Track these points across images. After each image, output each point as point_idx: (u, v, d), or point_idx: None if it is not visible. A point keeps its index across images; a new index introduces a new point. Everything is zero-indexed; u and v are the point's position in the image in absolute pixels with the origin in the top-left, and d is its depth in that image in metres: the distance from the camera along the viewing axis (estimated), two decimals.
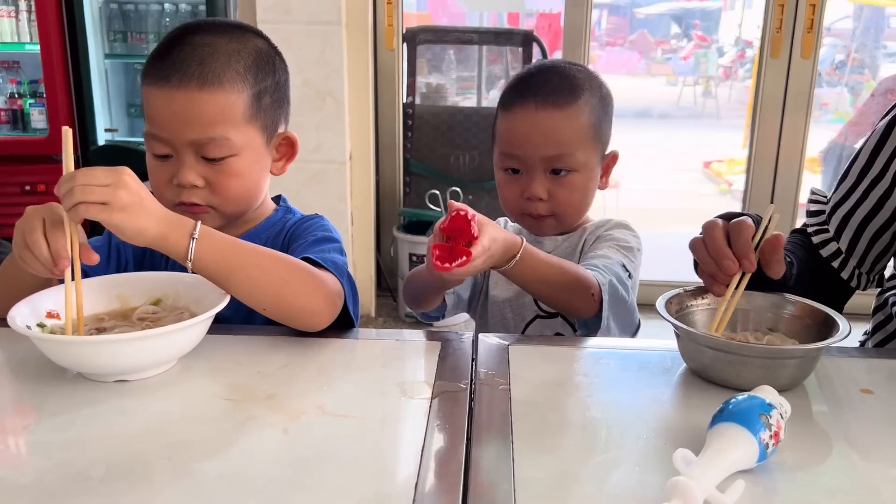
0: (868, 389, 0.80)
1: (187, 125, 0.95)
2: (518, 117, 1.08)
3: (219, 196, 0.98)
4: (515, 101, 1.09)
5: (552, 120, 1.07)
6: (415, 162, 2.99)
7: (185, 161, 0.96)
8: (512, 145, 1.09)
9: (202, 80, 0.94)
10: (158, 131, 0.96)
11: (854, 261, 1.07)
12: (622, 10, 10.27)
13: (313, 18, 2.52)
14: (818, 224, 1.10)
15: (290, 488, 0.61)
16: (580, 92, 1.09)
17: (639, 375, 0.84)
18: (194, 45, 0.96)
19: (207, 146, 0.96)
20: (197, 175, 0.97)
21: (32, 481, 0.61)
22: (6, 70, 3.50)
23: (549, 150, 1.07)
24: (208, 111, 0.95)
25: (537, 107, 1.07)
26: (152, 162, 0.99)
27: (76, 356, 0.76)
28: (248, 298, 0.86)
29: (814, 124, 2.85)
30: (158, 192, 0.99)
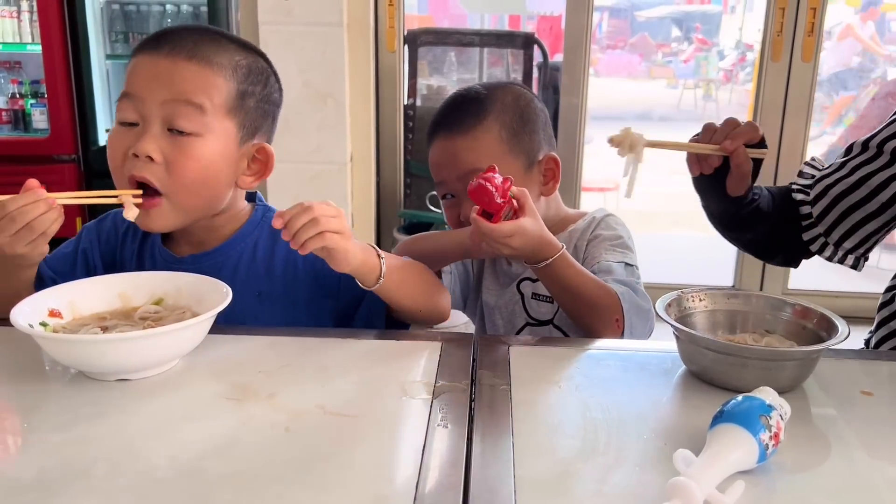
0: (868, 391, 0.80)
1: (164, 86, 0.92)
2: (434, 148, 1.16)
3: (173, 177, 0.93)
4: (431, 136, 1.17)
5: (457, 144, 1.12)
6: (415, 163, 2.99)
7: (148, 130, 0.92)
8: (435, 174, 1.16)
9: (191, 54, 0.94)
10: (133, 91, 0.93)
11: (821, 228, 1.12)
12: (623, 13, 10.27)
13: (315, 20, 2.52)
14: (803, 186, 1.15)
15: (291, 488, 0.61)
16: (485, 114, 1.12)
17: (639, 376, 0.84)
18: (198, 32, 0.97)
19: (178, 111, 0.92)
20: (157, 148, 0.92)
21: (34, 479, 0.62)
22: (8, 70, 3.51)
23: (462, 169, 1.11)
24: (189, 79, 0.93)
25: (444, 136, 1.14)
26: (115, 131, 0.95)
27: (78, 355, 0.77)
28: (411, 305, 0.97)
29: (814, 127, 2.85)
30: (112, 164, 0.96)
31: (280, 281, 1.01)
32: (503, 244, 0.92)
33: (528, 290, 1.15)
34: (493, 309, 1.18)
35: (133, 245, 1.05)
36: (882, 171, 1.06)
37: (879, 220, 1.08)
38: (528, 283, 1.15)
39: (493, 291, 1.19)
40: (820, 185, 1.12)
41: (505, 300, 1.17)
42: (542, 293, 1.13)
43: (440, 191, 1.17)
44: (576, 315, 1.01)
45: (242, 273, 1.01)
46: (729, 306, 0.90)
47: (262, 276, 1.01)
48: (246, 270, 1.01)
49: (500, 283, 1.19)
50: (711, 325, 0.89)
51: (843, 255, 1.12)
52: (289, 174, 1.06)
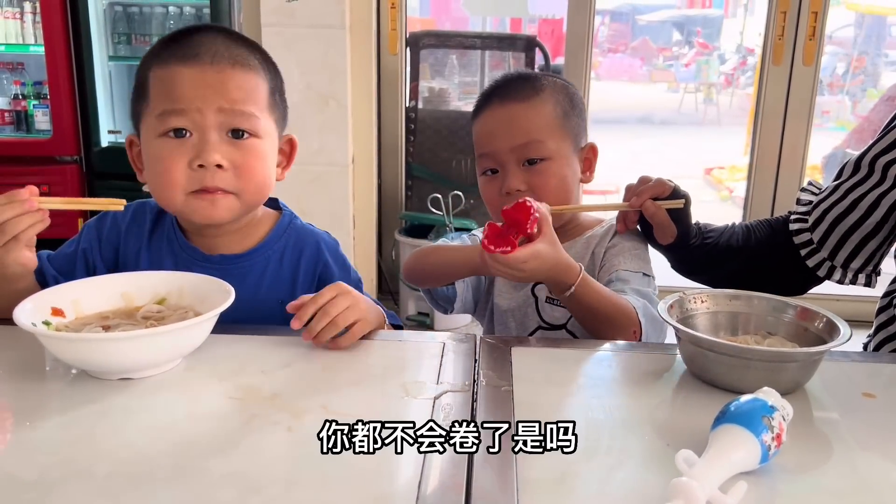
0: (870, 393, 0.80)
1: (219, 95, 0.93)
2: (485, 117, 1.14)
3: (243, 180, 0.95)
4: (482, 105, 1.15)
5: (515, 111, 1.11)
6: (417, 166, 3.00)
7: (209, 139, 0.93)
8: (483, 145, 1.13)
9: (233, 60, 0.95)
10: (184, 104, 0.92)
11: (825, 252, 1.12)
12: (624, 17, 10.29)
13: (317, 22, 2.52)
14: (800, 214, 1.16)
15: (293, 487, 0.61)
16: (541, 87, 1.13)
17: (641, 377, 0.84)
18: (213, 35, 0.97)
19: (237, 118, 0.94)
20: (222, 155, 0.93)
21: (37, 477, 0.62)
22: (10, 71, 3.52)
23: (518, 139, 1.09)
24: (241, 85, 0.95)
25: (501, 102, 1.12)
26: (164, 146, 0.94)
27: (81, 354, 0.77)
28: None
29: (815, 132, 2.85)
30: (169, 181, 0.94)
31: (302, 290, 1.00)
32: (517, 269, 0.91)
33: (542, 294, 1.14)
34: (506, 312, 1.17)
35: (140, 241, 1.04)
36: (873, 190, 1.08)
37: (878, 237, 1.09)
38: (543, 286, 1.14)
39: (506, 295, 1.18)
40: (817, 210, 1.13)
41: (518, 303, 1.16)
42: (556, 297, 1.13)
43: (483, 164, 1.14)
44: (594, 331, 1.01)
45: (269, 279, 1.03)
46: (731, 308, 0.90)
47: (286, 284, 1.03)
48: (272, 277, 1.03)
49: (514, 286, 1.18)
50: (713, 327, 0.89)
51: (853, 275, 1.13)
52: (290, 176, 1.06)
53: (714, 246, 1.15)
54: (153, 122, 0.95)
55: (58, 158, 3.28)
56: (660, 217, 1.08)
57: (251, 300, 0.98)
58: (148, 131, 0.96)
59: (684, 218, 1.10)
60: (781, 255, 1.16)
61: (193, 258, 1.02)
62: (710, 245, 1.15)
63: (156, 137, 0.94)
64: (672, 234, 1.10)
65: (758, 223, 1.21)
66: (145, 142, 0.97)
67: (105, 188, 3.30)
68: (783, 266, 1.16)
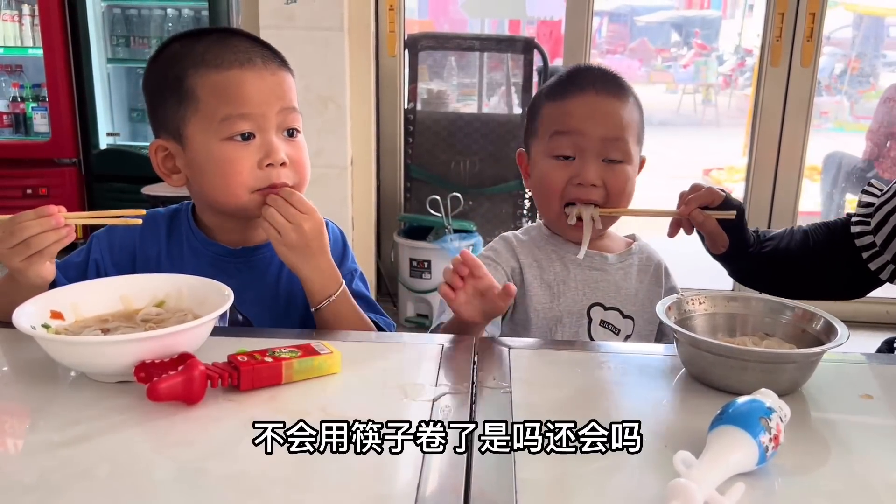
0: (868, 394, 0.81)
1: (278, 98, 0.99)
2: (578, 101, 1.09)
3: (299, 173, 1.02)
4: (572, 89, 1.10)
5: (612, 105, 1.10)
6: (416, 168, 3.00)
7: (272, 140, 0.98)
8: (570, 126, 1.08)
9: (279, 61, 1.02)
10: (249, 108, 0.97)
11: (888, 256, 1.10)
12: (622, 18, 10.30)
13: (315, 24, 2.53)
14: (862, 216, 1.13)
15: (292, 489, 0.61)
16: (629, 90, 1.13)
17: (639, 379, 0.84)
18: (237, 38, 1.01)
19: (292, 115, 1.01)
20: (284, 153, 0.99)
21: (37, 480, 0.62)
22: (9, 74, 3.52)
23: (610, 131, 1.08)
24: (289, 84, 1.02)
25: (597, 92, 1.10)
26: (230, 149, 0.97)
27: (80, 356, 0.77)
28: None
29: (813, 133, 2.86)
30: (237, 182, 0.97)
31: None
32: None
33: (597, 317, 1.12)
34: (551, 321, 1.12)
35: (156, 245, 1.06)
36: None
37: None
38: (599, 307, 1.13)
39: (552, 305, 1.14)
40: (880, 212, 1.10)
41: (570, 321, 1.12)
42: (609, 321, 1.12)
43: (559, 147, 1.09)
44: None
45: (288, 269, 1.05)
46: (729, 309, 0.90)
47: None
48: None
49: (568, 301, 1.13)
50: (711, 328, 0.89)
51: None
52: None
53: (773, 253, 1.13)
54: (214, 126, 0.97)
55: (56, 161, 3.28)
56: (709, 226, 1.05)
57: (274, 287, 1.06)
58: (204, 135, 0.98)
59: (738, 228, 1.07)
60: (842, 259, 1.13)
61: (217, 253, 1.05)
62: (769, 253, 1.13)
63: (219, 141, 0.97)
64: (724, 243, 1.08)
65: (815, 226, 1.18)
66: (202, 145, 0.98)
67: (104, 190, 3.31)
68: (844, 270, 1.14)
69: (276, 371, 0.77)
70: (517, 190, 2.97)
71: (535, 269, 1.13)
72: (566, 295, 1.12)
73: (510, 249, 1.15)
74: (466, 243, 2.73)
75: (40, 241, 0.85)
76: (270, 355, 0.78)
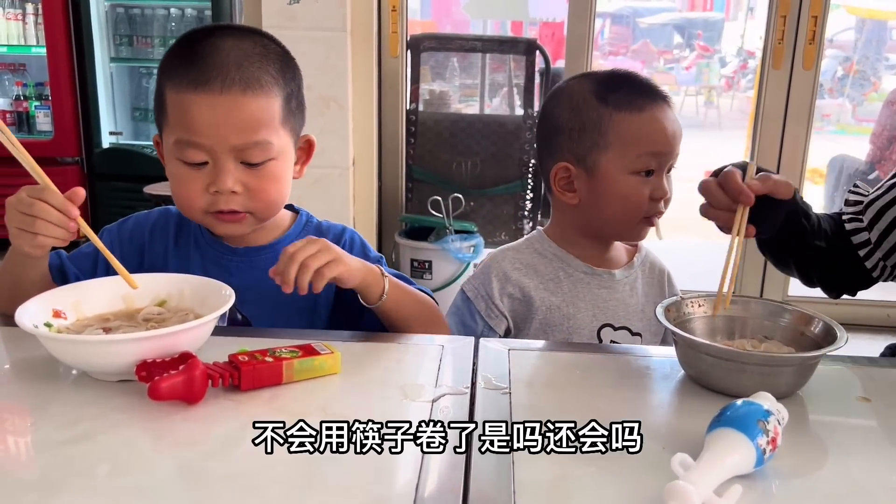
0: (866, 397, 0.81)
1: (232, 130, 0.93)
2: (658, 116, 1.07)
3: (257, 202, 0.98)
4: (644, 102, 1.07)
5: (673, 115, 1.09)
6: (417, 168, 3.00)
7: (224, 167, 0.94)
8: (660, 144, 1.06)
9: (244, 85, 0.93)
10: (198, 138, 0.93)
11: (880, 253, 1.08)
12: (625, 20, 10.30)
13: (318, 25, 2.53)
14: (854, 213, 1.12)
15: (292, 489, 0.61)
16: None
17: (638, 381, 0.84)
18: (225, 49, 0.94)
19: (250, 151, 0.95)
20: (236, 181, 0.95)
21: (38, 478, 0.62)
22: (12, 72, 3.53)
23: (678, 145, 1.08)
24: (252, 116, 0.94)
25: (663, 104, 1.09)
26: (182, 170, 0.96)
27: (81, 355, 0.77)
28: (406, 325, 1.00)
29: (815, 135, 2.86)
30: (188, 202, 0.97)
31: None
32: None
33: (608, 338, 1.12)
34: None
35: (165, 242, 1.08)
36: None
37: None
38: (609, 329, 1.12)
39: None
40: (872, 208, 1.08)
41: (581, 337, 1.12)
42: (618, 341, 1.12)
43: (649, 164, 1.06)
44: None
45: None
46: (728, 312, 0.90)
47: None
48: None
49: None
50: (710, 331, 0.89)
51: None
52: None
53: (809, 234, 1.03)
54: (171, 144, 0.96)
55: (59, 160, 3.29)
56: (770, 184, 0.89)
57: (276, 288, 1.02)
58: (167, 148, 0.98)
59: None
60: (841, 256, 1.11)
61: (221, 252, 1.06)
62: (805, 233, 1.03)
63: (174, 159, 0.97)
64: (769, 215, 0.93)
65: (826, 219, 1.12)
66: (166, 156, 0.99)
67: (106, 189, 3.31)
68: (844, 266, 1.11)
69: (277, 371, 0.77)
70: (519, 191, 2.98)
71: (542, 290, 1.12)
72: (576, 317, 1.11)
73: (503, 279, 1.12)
74: (467, 244, 2.73)
75: (44, 228, 0.86)
76: (271, 355, 0.78)
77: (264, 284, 1.04)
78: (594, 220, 1.11)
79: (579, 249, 1.14)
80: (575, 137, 1.08)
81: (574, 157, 1.09)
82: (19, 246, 0.88)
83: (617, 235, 1.15)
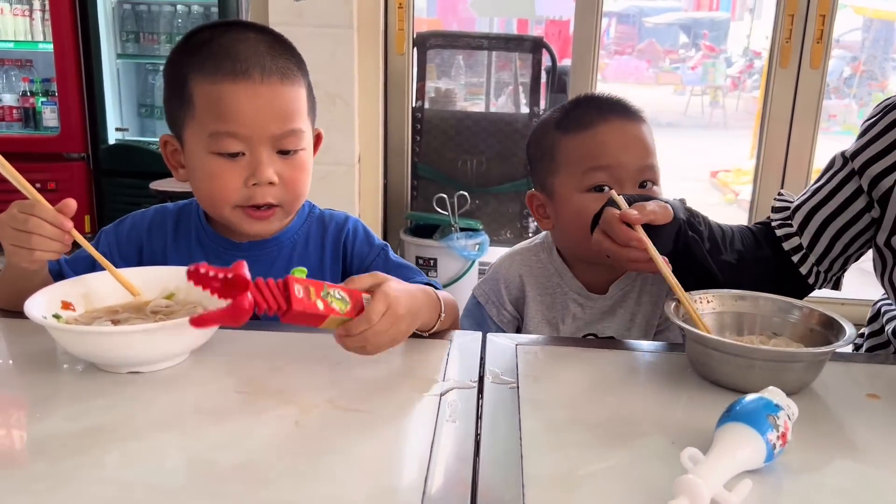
0: (875, 394, 0.81)
1: (272, 119, 0.94)
2: (606, 131, 1.06)
3: (290, 193, 0.98)
4: (594, 120, 1.07)
5: (641, 131, 1.08)
6: (423, 166, 3.00)
7: (262, 158, 0.94)
8: (604, 158, 1.05)
9: (281, 74, 0.95)
10: (238, 128, 0.93)
11: (814, 257, 1.07)
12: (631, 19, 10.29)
13: (325, 22, 2.53)
14: (782, 219, 1.10)
15: (301, 480, 0.61)
16: (643, 114, 1.11)
17: (647, 376, 0.84)
18: (252, 41, 0.96)
19: (287, 139, 0.96)
20: (274, 172, 0.95)
21: (47, 469, 0.62)
22: (19, 68, 3.53)
23: (644, 158, 1.06)
24: (289, 104, 0.96)
25: (622, 119, 1.07)
26: (217, 164, 0.95)
27: (90, 347, 0.78)
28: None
29: (821, 135, 2.85)
30: (223, 196, 0.96)
31: (329, 271, 1.08)
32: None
33: None
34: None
35: (163, 240, 1.07)
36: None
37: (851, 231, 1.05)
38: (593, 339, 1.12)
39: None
40: (800, 212, 1.08)
41: None
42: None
43: (597, 179, 1.04)
44: None
45: (297, 261, 1.06)
46: (737, 308, 0.90)
47: (314, 265, 1.07)
48: (300, 259, 1.07)
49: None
50: (719, 327, 0.89)
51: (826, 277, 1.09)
52: None
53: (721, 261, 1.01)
54: (204, 138, 0.95)
55: (65, 155, 3.29)
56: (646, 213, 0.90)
57: None
58: (196, 144, 0.96)
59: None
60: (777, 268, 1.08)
61: (224, 247, 1.05)
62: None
63: (207, 154, 0.95)
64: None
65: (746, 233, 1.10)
66: (193, 153, 0.97)
67: (112, 186, 3.32)
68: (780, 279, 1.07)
69: (320, 320, 0.74)
70: (524, 189, 2.97)
71: (539, 303, 1.14)
72: (562, 331, 1.13)
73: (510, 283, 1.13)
74: (473, 242, 2.73)
75: (39, 243, 0.84)
76: (323, 299, 0.74)
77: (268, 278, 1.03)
78: (565, 242, 1.14)
79: (578, 270, 1.14)
80: (537, 166, 1.14)
81: (539, 185, 1.14)
82: (16, 262, 0.87)
83: (587, 253, 1.09)
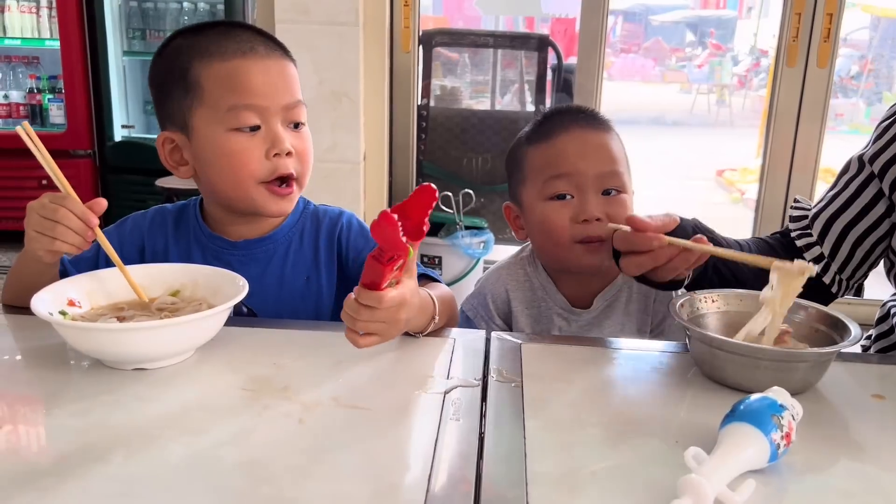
0: (880, 395, 0.80)
1: (282, 90, 0.99)
2: (565, 140, 1.08)
3: (303, 164, 1.02)
4: (555, 130, 1.09)
5: (600, 138, 1.09)
6: (428, 164, 3.01)
7: (277, 130, 0.98)
8: (562, 166, 1.06)
9: (282, 50, 1.02)
10: (254, 99, 0.97)
11: (836, 266, 1.06)
12: (637, 17, 10.27)
13: (331, 19, 2.53)
14: (801, 228, 1.09)
15: (304, 477, 0.62)
16: (609, 124, 1.12)
17: (651, 375, 0.84)
18: (241, 27, 1.02)
19: (295, 109, 1.01)
20: (290, 143, 0.99)
21: (53, 464, 0.63)
22: (26, 65, 3.55)
23: (604, 165, 1.07)
24: (293, 77, 1.02)
25: (582, 128, 1.09)
26: (237, 141, 0.97)
27: (96, 343, 0.78)
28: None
29: (828, 134, 2.84)
30: (247, 172, 0.98)
31: (325, 266, 1.08)
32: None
33: None
34: None
35: (165, 238, 1.08)
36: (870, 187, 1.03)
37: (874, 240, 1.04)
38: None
39: None
40: (818, 220, 1.06)
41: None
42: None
43: (556, 188, 1.06)
44: None
45: (292, 258, 1.07)
46: (741, 308, 0.90)
47: (309, 261, 1.08)
48: (295, 256, 1.08)
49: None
50: (723, 327, 0.89)
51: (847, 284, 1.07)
52: None
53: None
54: (221, 115, 0.97)
55: (72, 152, 3.31)
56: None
57: (279, 279, 1.06)
58: (211, 125, 0.98)
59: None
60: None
61: (221, 246, 1.07)
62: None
63: (225, 132, 0.97)
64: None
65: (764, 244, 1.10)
66: (207, 137, 0.98)
67: (118, 182, 3.33)
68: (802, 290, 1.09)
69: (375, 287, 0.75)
70: None
71: (526, 317, 1.14)
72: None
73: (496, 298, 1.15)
74: (478, 240, 2.73)
75: (64, 234, 0.86)
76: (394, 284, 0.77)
77: (265, 276, 1.04)
78: (538, 252, 1.16)
79: (562, 283, 1.14)
80: (511, 179, 1.17)
81: (512, 197, 1.17)
82: (34, 249, 0.88)
83: (558, 263, 1.12)
